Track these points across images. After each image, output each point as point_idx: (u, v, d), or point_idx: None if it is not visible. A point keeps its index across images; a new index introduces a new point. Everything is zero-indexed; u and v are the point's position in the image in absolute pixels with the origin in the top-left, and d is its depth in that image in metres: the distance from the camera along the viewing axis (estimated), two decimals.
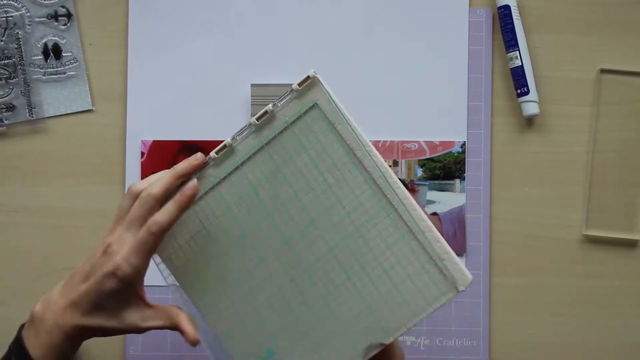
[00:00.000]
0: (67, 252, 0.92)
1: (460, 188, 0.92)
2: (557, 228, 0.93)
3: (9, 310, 0.92)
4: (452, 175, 0.92)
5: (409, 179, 0.92)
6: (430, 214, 0.92)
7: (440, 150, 0.92)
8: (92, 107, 0.93)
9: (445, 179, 0.92)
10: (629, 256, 0.93)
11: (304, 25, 0.93)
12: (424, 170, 0.92)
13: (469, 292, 0.91)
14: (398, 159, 0.92)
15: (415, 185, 0.92)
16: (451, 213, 0.92)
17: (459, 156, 0.92)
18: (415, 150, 0.92)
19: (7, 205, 0.93)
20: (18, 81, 0.92)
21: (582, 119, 0.93)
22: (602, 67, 0.93)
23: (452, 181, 0.92)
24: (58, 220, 0.93)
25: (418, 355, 0.92)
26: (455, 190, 0.92)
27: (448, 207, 0.92)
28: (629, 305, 0.93)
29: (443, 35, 0.93)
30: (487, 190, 0.93)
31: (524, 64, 0.91)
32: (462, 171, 0.92)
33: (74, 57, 0.93)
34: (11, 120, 0.92)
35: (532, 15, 0.93)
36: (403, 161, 0.92)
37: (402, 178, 0.91)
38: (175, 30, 0.93)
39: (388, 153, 0.92)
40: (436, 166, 0.92)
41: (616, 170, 0.93)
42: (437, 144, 0.92)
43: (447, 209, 0.92)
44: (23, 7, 0.92)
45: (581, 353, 0.93)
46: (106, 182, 0.93)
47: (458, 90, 0.93)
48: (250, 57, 0.93)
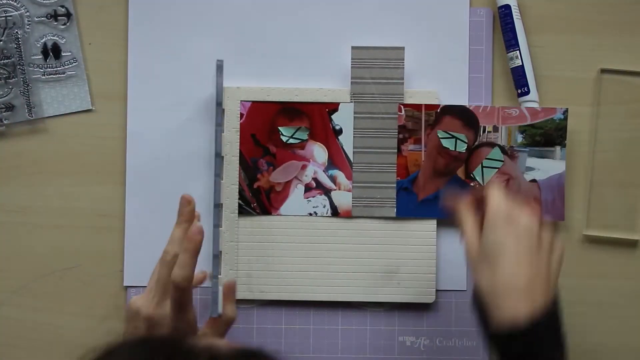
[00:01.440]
0: (67, 252, 0.92)
1: (560, 155, 0.91)
2: (557, 228, 0.93)
3: (9, 310, 0.92)
4: (553, 142, 0.91)
5: (508, 145, 0.91)
6: (529, 180, 0.91)
7: (542, 117, 0.91)
8: (92, 107, 0.93)
9: (545, 146, 0.91)
10: (629, 256, 0.93)
11: (302, 26, 0.93)
12: (524, 137, 0.91)
13: (469, 292, 0.91)
14: (498, 125, 0.91)
15: (515, 151, 0.91)
16: (550, 180, 0.91)
17: (560, 123, 0.91)
18: (516, 117, 0.91)
19: (6, 205, 0.92)
20: (17, 81, 0.92)
21: (582, 119, 0.93)
22: (603, 67, 0.93)
23: (552, 148, 0.91)
24: (58, 220, 0.92)
25: (418, 356, 0.92)
26: (555, 157, 0.91)
27: (548, 175, 0.91)
28: (629, 305, 0.93)
29: (443, 35, 0.93)
30: None
31: (524, 63, 0.91)
32: (563, 138, 0.91)
33: (73, 57, 0.92)
34: (11, 120, 0.92)
35: (532, 15, 0.93)
36: (503, 127, 0.91)
37: (502, 144, 0.91)
38: (176, 28, 0.92)
39: (489, 118, 0.91)
40: (537, 132, 0.91)
41: (616, 170, 0.93)
42: (539, 111, 0.91)
43: (547, 176, 0.91)
44: (22, 6, 0.92)
45: (581, 353, 0.93)
46: (106, 182, 0.92)
47: (459, 90, 0.93)
48: (254, 55, 0.93)
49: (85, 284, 0.92)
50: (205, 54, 0.92)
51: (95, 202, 0.92)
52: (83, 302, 0.91)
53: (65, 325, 0.91)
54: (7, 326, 0.84)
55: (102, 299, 0.91)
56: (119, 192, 0.92)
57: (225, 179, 0.90)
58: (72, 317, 0.91)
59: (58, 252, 0.92)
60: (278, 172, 0.91)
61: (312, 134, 0.91)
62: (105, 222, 0.92)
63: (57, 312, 0.92)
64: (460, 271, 0.92)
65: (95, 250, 0.92)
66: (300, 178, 0.91)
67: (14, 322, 0.79)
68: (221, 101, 0.90)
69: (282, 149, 0.91)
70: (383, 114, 0.90)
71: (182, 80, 0.92)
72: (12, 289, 0.92)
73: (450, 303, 0.92)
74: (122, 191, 0.92)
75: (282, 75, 0.92)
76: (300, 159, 0.91)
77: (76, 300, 0.91)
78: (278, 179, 0.91)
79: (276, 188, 0.91)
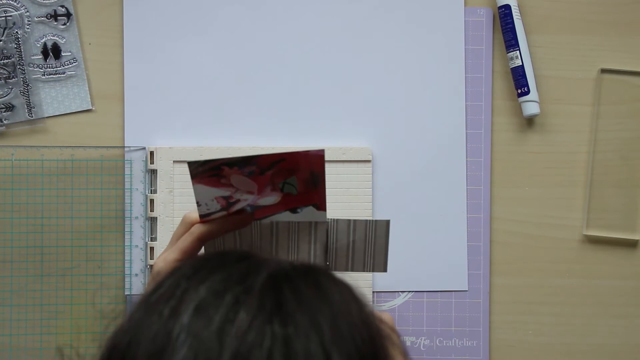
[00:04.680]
0: (67, 252, 0.92)
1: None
2: (557, 228, 0.93)
3: (9, 310, 0.92)
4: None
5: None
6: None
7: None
8: (92, 106, 0.93)
9: None
10: (629, 256, 0.93)
11: (299, 28, 0.93)
12: None
13: (469, 292, 0.91)
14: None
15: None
16: None
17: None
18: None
19: (6, 205, 0.92)
20: (17, 81, 0.92)
21: (582, 119, 0.93)
22: (603, 67, 0.93)
23: None
24: (58, 220, 0.92)
25: (418, 356, 0.92)
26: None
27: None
28: (629, 305, 0.93)
29: (440, 35, 0.93)
30: (487, 190, 0.93)
31: (524, 63, 0.91)
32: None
33: (73, 57, 0.92)
34: (10, 120, 0.92)
35: (532, 15, 0.93)
36: None
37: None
38: (171, 29, 0.92)
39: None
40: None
41: (616, 170, 0.93)
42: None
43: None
44: (22, 6, 0.92)
45: (581, 353, 0.93)
46: (106, 182, 0.92)
47: (456, 91, 0.93)
48: (247, 60, 0.93)
49: (86, 284, 0.92)
50: (200, 55, 0.92)
51: (95, 203, 0.92)
52: (83, 302, 0.91)
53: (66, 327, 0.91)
54: (8, 326, 0.84)
55: (103, 299, 0.91)
56: (118, 192, 0.92)
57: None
58: (72, 317, 0.91)
59: (58, 252, 0.92)
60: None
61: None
62: (105, 222, 0.92)
63: (57, 312, 0.92)
64: (460, 271, 0.92)
65: (96, 250, 0.92)
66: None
67: (14, 322, 0.79)
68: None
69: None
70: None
71: (180, 81, 0.92)
72: (12, 289, 0.92)
73: (450, 303, 0.92)
74: (122, 191, 0.92)
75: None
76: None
77: (76, 300, 0.91)
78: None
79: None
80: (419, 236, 0.92)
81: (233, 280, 0.52)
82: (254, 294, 0.50)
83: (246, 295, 0.50)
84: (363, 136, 0.92)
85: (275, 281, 0.52)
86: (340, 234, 0.75)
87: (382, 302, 0.93)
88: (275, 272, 0.53)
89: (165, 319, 0.50)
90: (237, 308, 0.49)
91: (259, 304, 0.50)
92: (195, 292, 0.51)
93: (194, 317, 0.50)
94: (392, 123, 0.93)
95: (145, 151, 0.91)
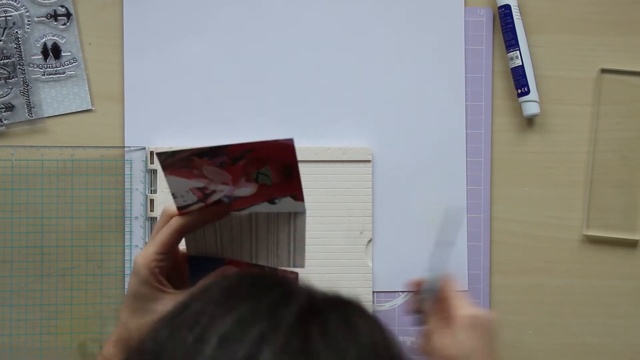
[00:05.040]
0: (67, 252, 0.92)
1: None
2: (557, 228, 0.93)
3: (9, 310, 0.92)
4: None
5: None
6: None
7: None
8: (92, 106, 0.93)
9: None
10: (629, 256, 0.93)
11: (299, 28, 0.93)
12: None
13: (469, 292, 0.91)
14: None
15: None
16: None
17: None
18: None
19: (6, 205, 0.92)
20: (17, 81, 0.92)
21: (582, 119, 0.93)
22: (603, 67, 0.93)
23: None
24: (58, 220, 0.92)
25: (418, 355, 0.92)
26: None
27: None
28: (629, 305, 0.93)
29: (440, 35, 0.93)
30: (487, 190, 0.93)
31: (524, 63, 0.91)
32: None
33: (73, 57, 0.92)
34: (10, 120, 0.92)
35: (532, 15, 0.93)
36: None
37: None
38: (171, 30, 0.92)
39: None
40: None
41: (616, 170, 0.93)
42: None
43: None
44: (22, 6, 0.92)
45: (581, 353, 0.93)
46: (106, 182, 0.92)
47: (456, 91, 0.93)
48: (247, 59, 0.93)
49: (86, 284, 0.92)
50: (200, 55, 0.92)
51: (95, 202, 0.92)
52: (83, 302, 0.91)
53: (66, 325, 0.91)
54: (8, 326, 0.84)
55: (103, 299, 0.91)
56: (118, 191, 0.92)
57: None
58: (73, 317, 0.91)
59: (58, 252, 0.92)
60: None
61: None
62: (105, 222, 0.92)
63: (57, 312, 0.92)
64: (460, 271, 0.92)
65: (96, 250, 0.92)
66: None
67: (14, 322, 0.79)
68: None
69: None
70: None
71: (180, 80, 0.92)
72: (12, 289, 0.92)
73: None
74: (121, 191, 0.92)
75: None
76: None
77: (76, 300, 0.91)
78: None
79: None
80: (419, 236, 0.92)
81: (261, 312, 0.50)
82: (280, 331, 0.49)
83: (273, 332, 0.49)
84: (363, 136, 0.92)
85: (304, 317, 0.51)
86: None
87: (382, 302, 0.93)
88: (305, 305, 0.52)
89: (189, 347, 0.49)
90: (261, 346, 0.48)
91: (284, 343, 0.49)
92: (221, 321, 0.50)
93: (217, 349, 0.49)
94: (392, 123, 0.93)
95: (145, 151, 0.92)
